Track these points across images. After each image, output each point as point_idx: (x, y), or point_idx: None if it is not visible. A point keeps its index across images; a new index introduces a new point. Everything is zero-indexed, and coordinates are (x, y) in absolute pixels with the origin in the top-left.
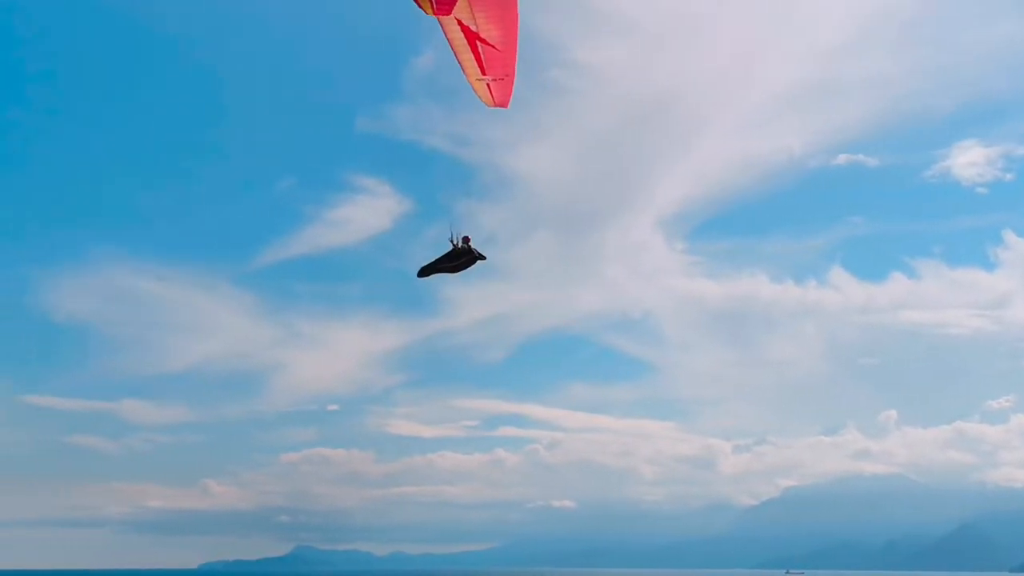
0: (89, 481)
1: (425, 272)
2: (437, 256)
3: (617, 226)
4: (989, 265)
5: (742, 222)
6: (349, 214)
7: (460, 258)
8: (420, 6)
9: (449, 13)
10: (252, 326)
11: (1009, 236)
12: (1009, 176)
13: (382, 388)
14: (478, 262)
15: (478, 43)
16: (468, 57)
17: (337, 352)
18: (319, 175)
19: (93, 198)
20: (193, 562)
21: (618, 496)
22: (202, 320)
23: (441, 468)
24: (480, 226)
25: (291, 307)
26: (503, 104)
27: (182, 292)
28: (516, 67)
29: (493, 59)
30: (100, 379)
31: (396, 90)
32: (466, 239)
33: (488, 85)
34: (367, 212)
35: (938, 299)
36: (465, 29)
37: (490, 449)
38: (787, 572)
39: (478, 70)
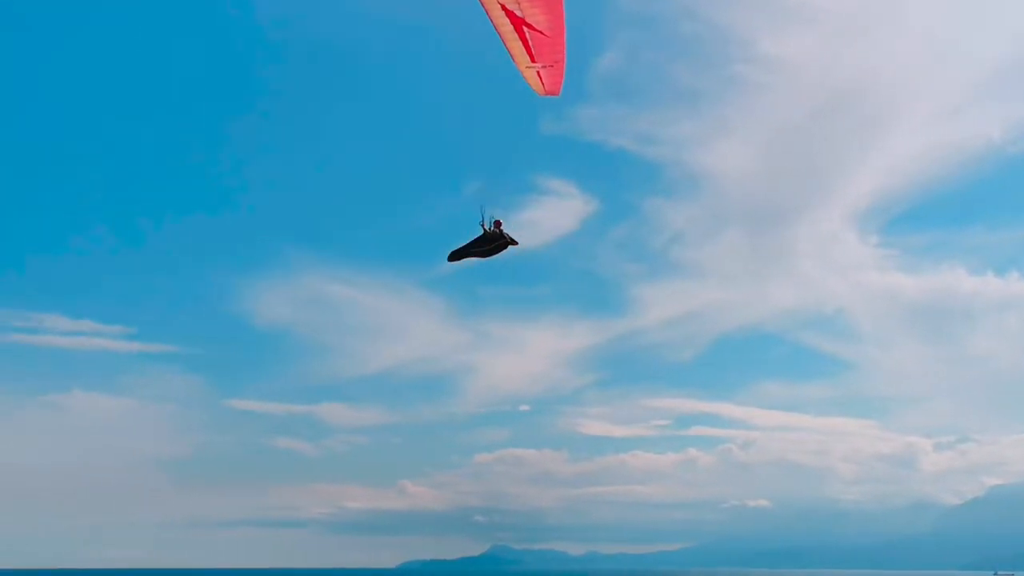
0: (291, 482)
1: (456, 256)
2: (473, 240)
3: (808, 221)
4: None
5: (938, 213)
6: (535, 216)
7: (492, 242)
8: None
9: None
10: (443, 329)
11: None
12: None
13: (573, 388)
14: (509, 247)
15: (525, 29)
16: (517, 45)
17: (527, 353)
18: (505, 178)
19: (289, 208)
20: (392, 562)
21: (815, 495)
22: (394, 324)
23: (633, 468)
24: (668, 224)
25: (480, 310)
26: (554, 92)
27: (374, 297)
28: (565, 53)
29: (542, 46)
30: (299, 383)
31: (580, 91)
32: (498, 223)
33: (538, 73)
34: (553, 214)
35: None
36: (510, 15)
37: (682, 448)
38: (995, 574)
39: (527, 58)
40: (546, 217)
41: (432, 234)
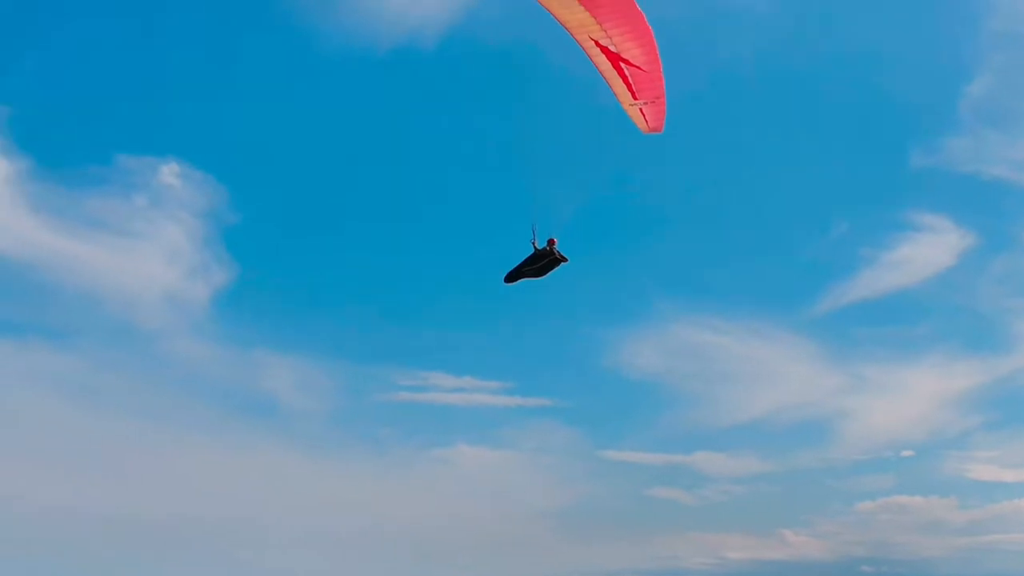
0: (670, 532)
1: (511, 278)
2: (522, 261)
3: None
4: None
5: None
6: (909, 254)
7: (541, 260)
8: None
9: None
10: (816, 374)
11: None
12: None
13: (958, 431)
14: (561, 265)
15: (622, 65)
16: (619, 83)
17: (907, 396)
18: (874, 215)
19: (655, 256)
20: None
21: None
22: (764, 370)
23: None
24: None
25: (854, 353)
26: (657, 129)
27: (742, 344)
28: (664, 88)
29: (642, 81)
30: (672, 432)
31: (951, 121)
32: (551, 241)
33: (641, 110)
34: (928, 250)
35: None
36: (605, 50)
37: None
38: None
39: (630, 95)
40: (920, 254)
41: (799, 275)
